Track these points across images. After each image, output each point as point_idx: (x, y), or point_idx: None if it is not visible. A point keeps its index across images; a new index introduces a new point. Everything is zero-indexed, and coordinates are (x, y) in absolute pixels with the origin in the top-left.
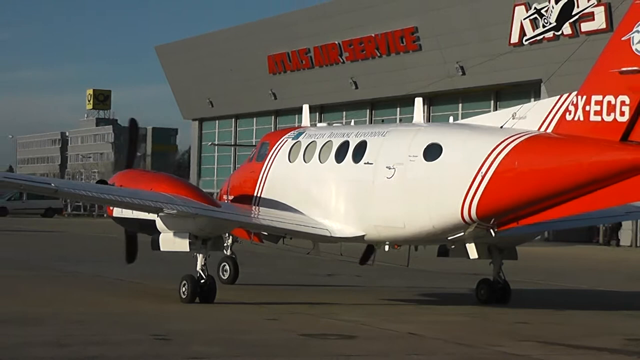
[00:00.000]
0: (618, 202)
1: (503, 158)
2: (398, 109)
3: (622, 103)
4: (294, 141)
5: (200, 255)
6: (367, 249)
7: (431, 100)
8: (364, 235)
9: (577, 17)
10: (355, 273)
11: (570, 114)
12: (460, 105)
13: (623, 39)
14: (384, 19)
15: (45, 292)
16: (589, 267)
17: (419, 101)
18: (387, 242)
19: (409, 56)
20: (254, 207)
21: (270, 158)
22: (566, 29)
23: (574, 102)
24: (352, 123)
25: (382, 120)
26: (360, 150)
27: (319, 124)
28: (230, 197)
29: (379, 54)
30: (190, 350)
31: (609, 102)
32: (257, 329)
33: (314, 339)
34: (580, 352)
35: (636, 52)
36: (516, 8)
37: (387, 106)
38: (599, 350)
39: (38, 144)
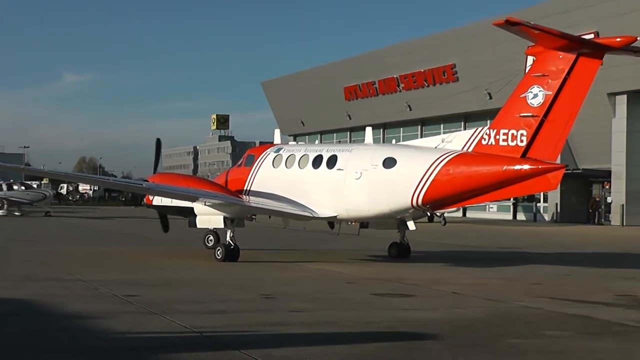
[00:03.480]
0: (518, 195)
1: (441, 167)
2: (442, 125)
3: (521, 134)
4: (276, 154)
5: (229, 230)
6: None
7: (467, 118)
8: (336, 216)
9: None
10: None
11: (484, 140)
12: (488, 122)
13: (521, 96)
14: (430, 58)
15: (182, 262)
16: (587, 241)
17: (369, 130)
18: (351, 220)
19: (450, 85)
20: (244, 197)
21: (256, 165)
22: None
23: (487, 133)
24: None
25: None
26: (332, 160)
27: (290, 143)
28: None
29: (427, 84)
30: (292, 306)
31: (512, 133)
32: (340, 290)
33: (382, 297)
34: (582, 305)
35: (530, 105)
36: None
37: (434, 123)
38: (596, 303)
39: (177, 155)
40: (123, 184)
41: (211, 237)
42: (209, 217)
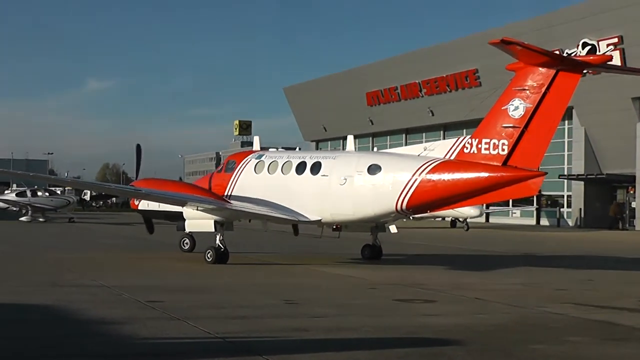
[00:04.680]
0: (500, 200)
1: (426, 173)
2: (465, 130)
3: (503, 144)
4: (257, 160)
5: (219, 234)
6: (294, 227)
7: None
8: (320, 220)
9: None
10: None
11: (467, 149)
12: None
13: (502, 108)
14: (453, 64)
15: (200, 267)
16: (610, 246)
17: (350, 138)
18: (335, 223)
19: (472, 90)
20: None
21: (237, 171)
22: None
23: (470, 142)
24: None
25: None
26: (316, 167)
27: (270, 149)
28: None
29: (449, 89)
30: (314, 311)
31: (494, 143)
32: (362, 295)
33: (404, 303)
34: (605, 311)
35: (511, 116)
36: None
37: (456, 128)
38: (619, 309)
39: (199, 161)
40: (122, 190)
41: (187, 241)
42: (198, 221)
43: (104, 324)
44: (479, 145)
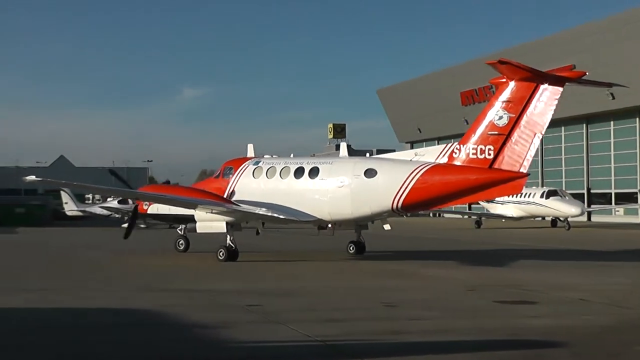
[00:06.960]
0: (485, 198)
1: (420, 176)
2: (562, 127)
3: (489, 149)
4: (255, 166)
5: (229, 234)
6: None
7: (588, 120)
8: (320, 219)
9: None
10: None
11: (455, 153)
12: (612, 123)
13: (488, 117)
14: (546, 61)
15: (291, 270)
16: None
17: (343, 145)
18: (333, 223)
19: (569, 87)
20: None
21: (235, 176)
22: None
23: (458, 148)
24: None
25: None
26: (314, 171)
27: (265, 156)
28: None
29: None
30: (414, 314)
31: (481, 148)
32: (461, 298)
33: (504, 305)
34: None
35: (496, 125)
36: None
37: (553, 126)
38: None
39: None
40: (148, 195)
41: (182, 242)
42: (211, 222)
43: (205, 327)
44: (467, 151)
